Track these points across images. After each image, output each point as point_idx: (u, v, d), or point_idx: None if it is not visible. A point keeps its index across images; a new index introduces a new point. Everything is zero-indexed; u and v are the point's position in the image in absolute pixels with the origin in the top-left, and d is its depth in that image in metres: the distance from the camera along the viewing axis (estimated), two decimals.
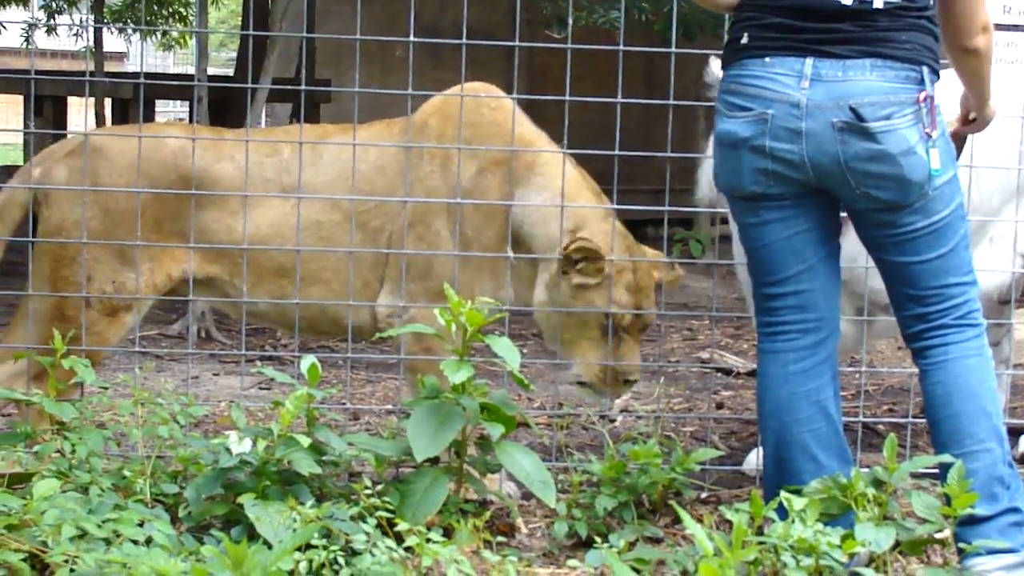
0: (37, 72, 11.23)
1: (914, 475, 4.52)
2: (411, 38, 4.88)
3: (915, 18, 3.96)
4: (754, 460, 5.50)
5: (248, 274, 5.09)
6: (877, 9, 3.92)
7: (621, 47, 4.87)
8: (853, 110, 3.88)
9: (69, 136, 5.96)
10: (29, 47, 14.15)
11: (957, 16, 3.99)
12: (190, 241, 5.05)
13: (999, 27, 4.85)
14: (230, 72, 18.17)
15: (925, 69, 3.96)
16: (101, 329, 5.04)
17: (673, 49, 4.92)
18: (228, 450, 4.12)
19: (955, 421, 4.03)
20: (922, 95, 3.93)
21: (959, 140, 4.95)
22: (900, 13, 3.94)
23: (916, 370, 4.21)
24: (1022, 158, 5.05)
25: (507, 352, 4.21)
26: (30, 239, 5.04)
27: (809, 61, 3.94)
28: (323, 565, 3.64)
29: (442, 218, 5.03)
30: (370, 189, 5.09)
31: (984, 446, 3.99)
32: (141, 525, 3.92)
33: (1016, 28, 5.15)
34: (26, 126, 13.48)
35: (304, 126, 5.13)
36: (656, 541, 4.51)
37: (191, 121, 8.82)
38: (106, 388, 4.88)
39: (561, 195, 4.97)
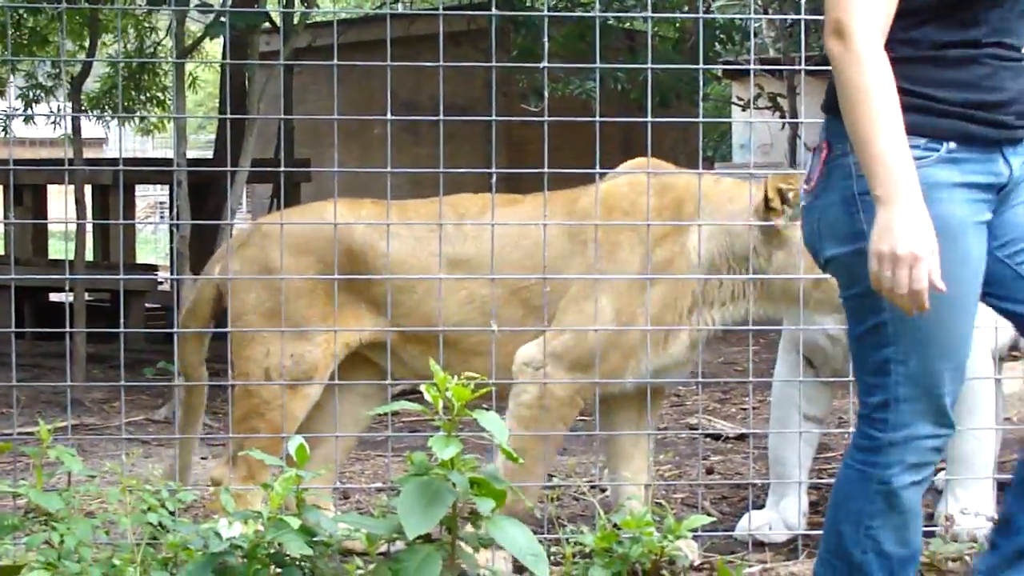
0: (15, 161, 11.26)
1: None
2: (388, 115, 4.91)
3: None
4: (746, 525, 5.51)
5: (417, 344, 5.19)
6: None
7: (598, 118, 4.91)
8: None
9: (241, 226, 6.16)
10: (7, 137, 14.18)
11: None
12: (360, 311, 5.19)
13: None
14: (209, 154, 18.23)
15: None
16: (285, 402, 5.12)
17: (649, 118, 4.96)
18: (218, 535, 4.11)
19: None
20: None
21: None
22: None
23: None
24: None
25: (494, 426, 4.21)
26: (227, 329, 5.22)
27: None
28: None
29: (608, 296, 5.06)
30: (532, 265, 5.14)
31: None
32: None
33: None
34: (5, 216, 13.52)
35: (465, 196, 5.25)
36: None
37: (171, 206, 8.84)
38: (94, 476, 4.87)
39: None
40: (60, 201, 13.46)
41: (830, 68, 3.36)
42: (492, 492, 4.28)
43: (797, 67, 5.41)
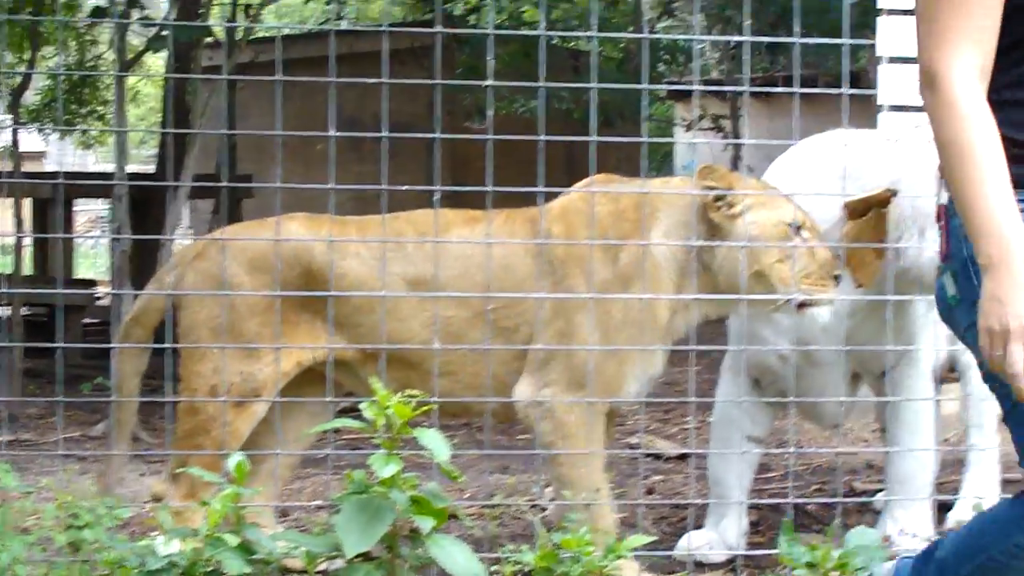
0: None
1: None
2: (332, 132, 4.90)
3: None
4: (686, 545, 5.52)
5: (375, 362, 5.09)
6: None
7: (541, 136, 4.91)
8: None
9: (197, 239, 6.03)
10: None
11: None
12: (316, 329, 5.11)
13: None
14: (151, 169, 18.15)
15: None
16: (230, 420, 5.06)
17: (593, 137, 4.96)
18: (155, 552, 4.09)
19: None
20: None
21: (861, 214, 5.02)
22: None
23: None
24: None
25: (436, 444, 4.21)
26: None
27: None
28: None
29: (584, 311, 5.04)
30: (497, 287, 5.07)
31: None
32: None
33: None
34: None
35: (427, 212, 5.17)
36: None
37: (112, 220, 8.79)
38: (30, 492, 4.83)
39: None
40: None
41: (773, 89, 3.35)
42: (432, 510, 4.28)
43: (740, 89, 5.44)
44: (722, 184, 5.03)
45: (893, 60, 4.85)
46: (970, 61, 2.96)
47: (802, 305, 4.96)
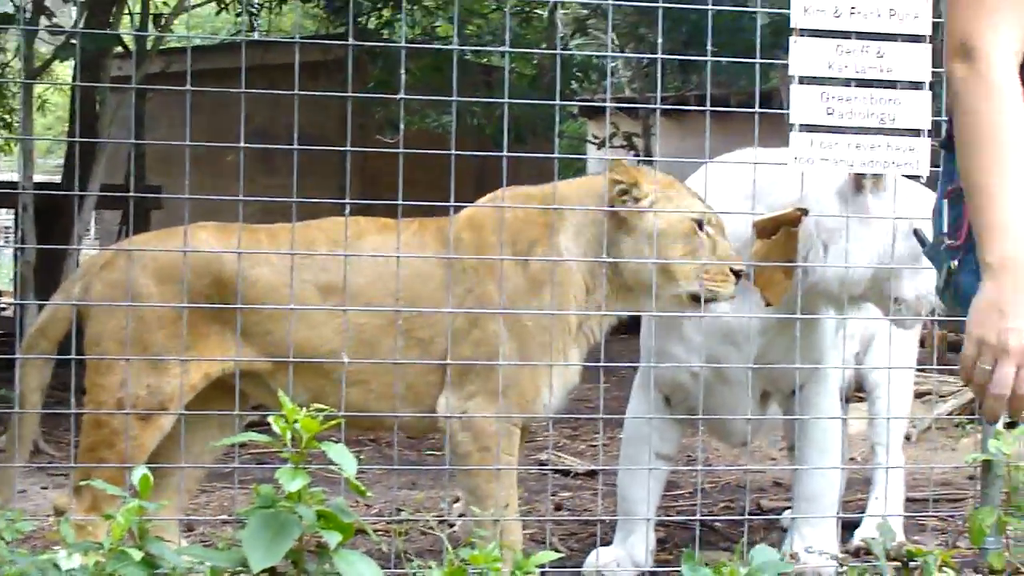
0: None
1: None
2: (242, 143, 4.87)
3: None
4: (594, 562, 5.53)
5: (286, 373, 5.02)
6: None
7: (453, 151, 4.91)
8: None
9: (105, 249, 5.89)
10: None
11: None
12: (226, 340, 5.04)
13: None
14: (58, 179, 17.97)
15: None
16: (136, 433, 4.97)
17: (505, 153, 4.97)
18: (57, 566, 4.03)
19: None
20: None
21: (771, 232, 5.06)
22: None
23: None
24: (848, 256, 5.16)
25: (343, 459, 4.18)
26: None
27: None
28: None
29: (498, 320, 5.01)
30: (410, 295, 5.03)
31: None
32: None
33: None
34: None
35: (339, 220, 5.11)
36: None
37: (16, 230, 8.69)
38: None
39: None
40: None
41: (685, 108, 3.33)
42: (339, 525, 4.25)
43: (652, 107, 5.45)
44: (628, 179, 5.05)
45: (804, 80, 4.89)
46: (1010, 36, 2.71)
47: (699, 299, 4.98)
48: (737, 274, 5.01)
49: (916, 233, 3.68)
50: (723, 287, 4.99)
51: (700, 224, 5.01)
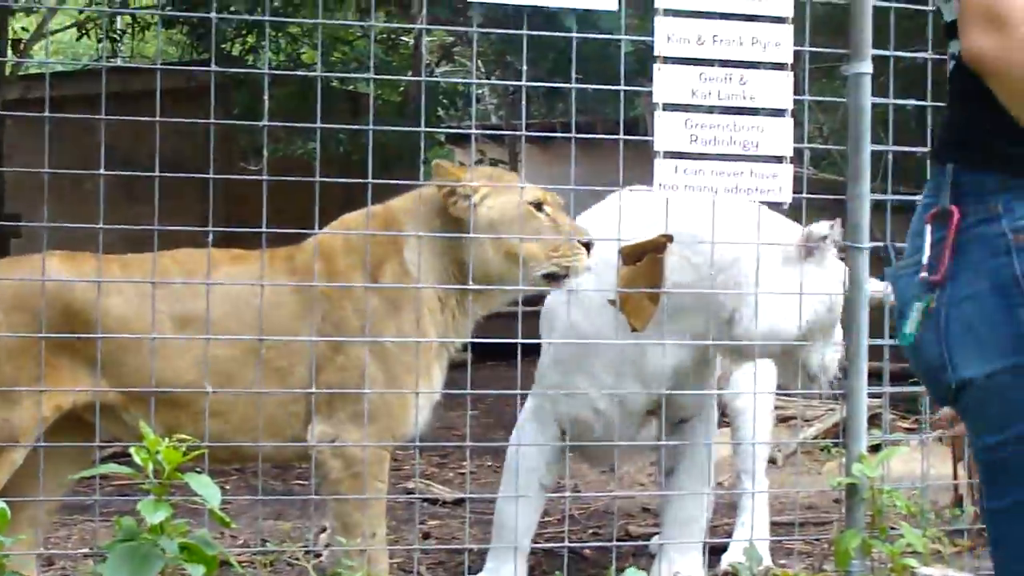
0: None
1: None
2: (102, 170, 4.80)
3: None
4: None
5: (141, 404, 4.92)
6: None
7: (317, 178, 4.88)
8: None
9: None
10: None
11: None
12: (77, 371, 4.91)
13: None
14: None
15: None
16: None
17: (370, 180, 4.95)
18: None
19: None
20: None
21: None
22: None
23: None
24: (777, 318, 5.26)
25: (206, 490, 4.13)
26: None
27: None
28: None
29: (360, 344, 4.93)
30: (266, 325, 4.94)
31: None
32: None
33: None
34: None
35: (192, 251, 5.01)
36: None
37: None
38: None
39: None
40: None
41: (552, 135, 3.21)
42: (203, 557, 4.20)
43: (518, 133, 5.47)
44: (451, 179, 5.07)
45: (668, 107, 4.93)
46: None
47: (555, 277, 5.00)
48: (587, 246, 5.03)
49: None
50: (576, 260, 5.01)
51: (538, 206, 5.03)
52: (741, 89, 4.98)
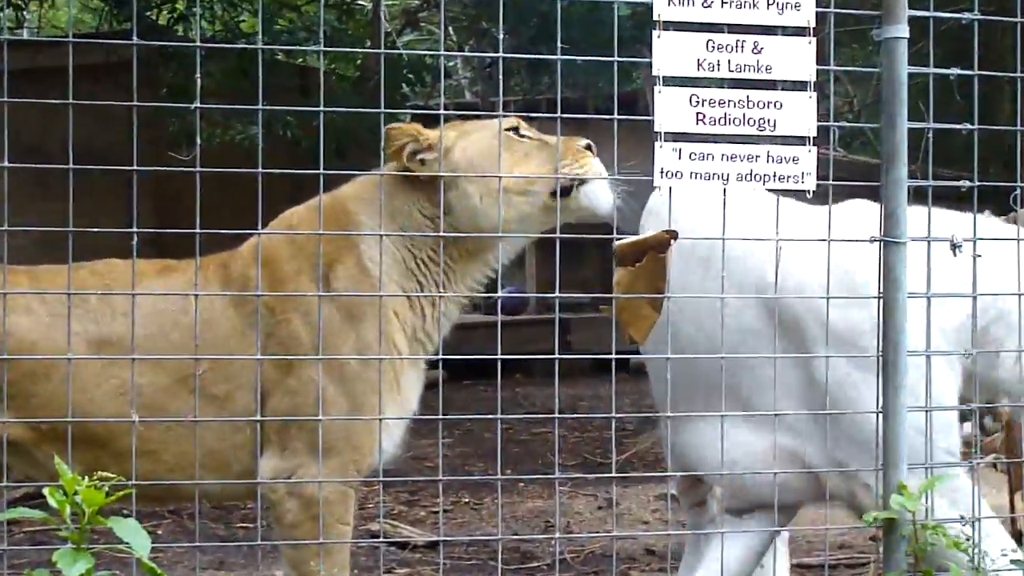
0: None
1: None
2: (4, 162, 4.78)
3: None
4: None
5: (55, 442, 4.84)
6: None
7: (260, 169, 4.86)
8: None
9: None
10: None
11: None
12: None
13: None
14: None
15: None
16: None
17: (322, 170, 4.94)
18: None
19: None
20: None
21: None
22: None
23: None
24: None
25: (134, 537, 4.12)
26: None
27: None
28: None
29: (313, 363, 4.91)
30: (200, 346, 4.91)
31: None
32: None
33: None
34: None
35: (113, 263, 4.99)
36: None
37: None
38: None
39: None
40: None
41: (534, 115, 3.31)
42: None
43: (496, 114, 5.44)
44: (408, 135, 5.07)
45: (670, 81, 4.92)
46: None
47: (567, 191, 5.02)
48: (588, 147, 5.06)
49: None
50: (586, 164, 5.04)
51: (515, 130, 5.05)
52: (755, 59, 4.97)
